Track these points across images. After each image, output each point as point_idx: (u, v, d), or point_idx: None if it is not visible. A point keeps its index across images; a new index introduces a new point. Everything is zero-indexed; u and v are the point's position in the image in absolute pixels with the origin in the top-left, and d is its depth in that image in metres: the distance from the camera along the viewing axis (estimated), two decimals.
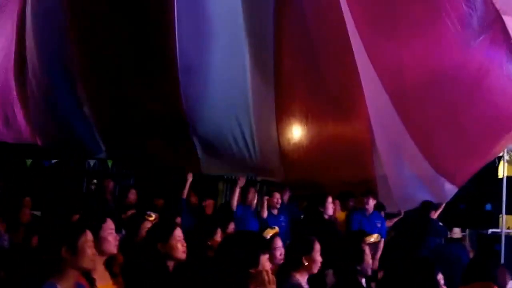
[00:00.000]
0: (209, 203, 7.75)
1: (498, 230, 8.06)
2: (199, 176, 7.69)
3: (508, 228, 8.44)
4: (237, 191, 7.00)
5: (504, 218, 7.61)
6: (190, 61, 6.75)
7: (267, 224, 6.22)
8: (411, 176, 6.90)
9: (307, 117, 7.26)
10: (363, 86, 6.40)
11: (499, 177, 7.63)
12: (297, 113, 7.29)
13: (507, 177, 7.56)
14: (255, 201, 7.19)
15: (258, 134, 7.33)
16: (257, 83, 6.99)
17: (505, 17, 5.52)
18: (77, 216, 4.69)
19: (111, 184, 7.59)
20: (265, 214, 6.81)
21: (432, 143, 6.56)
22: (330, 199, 6.53)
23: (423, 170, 6.73)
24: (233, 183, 7.66)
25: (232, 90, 7.02)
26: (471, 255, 6.29)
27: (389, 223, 7.35)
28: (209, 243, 4.38)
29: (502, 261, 6.69)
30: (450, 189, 7.06)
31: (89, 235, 3.00)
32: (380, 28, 6.01)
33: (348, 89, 6.76)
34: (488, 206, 8.90)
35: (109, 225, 3.30)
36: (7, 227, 6.10)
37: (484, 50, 5.76)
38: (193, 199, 7.82)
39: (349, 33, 6.05)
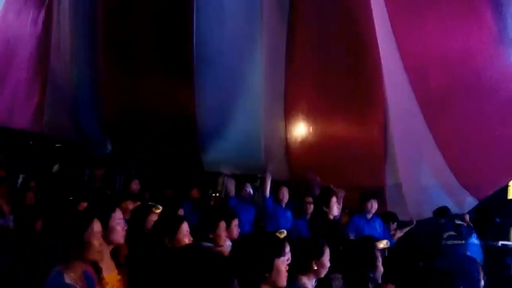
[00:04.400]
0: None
1: (509, 243, 7.96)
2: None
3: None
4: (268, 183, 6.94)
5: None
6: (206, 50, 6.70)
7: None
8: (431, 185, 6.78)
9: (317, 116, 7.16)
10: (387, 91, 6.30)
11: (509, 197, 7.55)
12: (306, 109, 7.19)
13: None
14: (286, 199, 7.12)
15: (265, 129, 7.24)
16: (269, 77, 6.90)
17: None
18: (84, 204, 4.64)
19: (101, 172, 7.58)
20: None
21: (459, 155, 6.44)
22: (334, 199, 6.42)
23: (445, 179, 6.62)
24: (235, 177, 7.56)
25: (244, 81, 6.95)
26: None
27: (399, 233, 7.19)
28: (211, 236, 4.36)
29: None
30: (471, 202, 6.95)
31: (97, 226, 2.97)
32: (411, 27, 5.92)
33: (365, 92, 6.67)
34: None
35: (118, 215, 3.26)
36: (12, 208, 6.10)
37: None
38: (196, 193, 7.79)
39: (376, 31, 5.95)
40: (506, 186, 7.54)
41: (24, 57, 7.93)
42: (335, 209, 6.27)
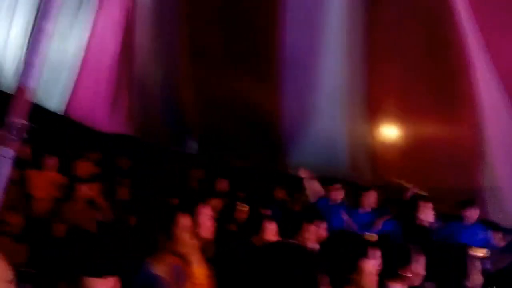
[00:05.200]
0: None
1: None
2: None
3: None
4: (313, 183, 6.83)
5: None
6: (292, 51, 6.68)
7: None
8: None
9: (403, 117, 6.92)
10: (481, 92, 6.00)
11: None
12: (391, 110, 6.97)
13: None
14: (340, 197, 7.01)
15: (348, 132, 7.09)
16: (351, 78, 6.76)
17: None
18: (175, 200, 4.78)
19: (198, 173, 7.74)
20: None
21: None
22: (425, 204, 6.15)
23: None
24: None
25: (327, 83, 6.86)
26: None
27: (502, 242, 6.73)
28: (298, 238, 4.32)
29: None
30: None
31: (187, 220, 3.04)
32: (501, 25, 5.59)
33: (458, 93, 6.36)
34: None
35: (207, 211, 3.31)
36: (108, 204, 6.42)
37: None
38: (280, 194, 7.81)
39: (461, 30, 5.69)
40: None
41: (108, 56, 8.14)
42: (428, 215, 6.02)
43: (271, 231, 3.71)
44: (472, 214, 6.38)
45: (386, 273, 3.34)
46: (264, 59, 6.97)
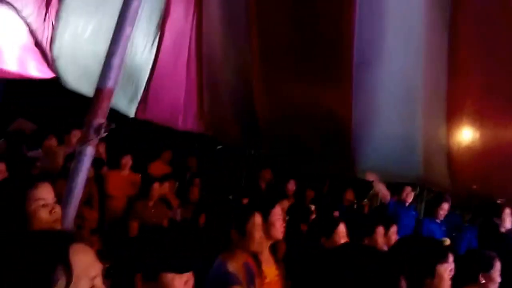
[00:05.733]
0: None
1: None
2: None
3: None
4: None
5: None
6: (366, 53, 6.55)
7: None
8: None
9: (483, 117, 6.57)
10: None
11: None
12: (471, 111, 6.63)
13: None
14: (410, 198, 6.88)
15: (424, 134, 6.84)
16: (429, 76, 6.49)
17: None
18: (246, 200, 4.85)
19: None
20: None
21: None
22: (508, 211, 5.89)
23: None
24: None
25: (403, 83, 6.64)
26: None
27: None
28: (367, 241, 4.26)
29: None
30: None
31: (258, 219, 3.08)
32: None
33: None
34: None
35: (278, 211, 3.33)
36: (180, 203, 6.60)
37: None
38: (350, 196, 7.75)
39: None
40: None
41: (179, 59, 8.26)
42: (508, 222, 5.78)
43: (341, 233, 3.67)
44: None
45: (461, 278, 3.22)
46: (336, 60, 6.86)
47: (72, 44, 7.75)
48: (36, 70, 7.60)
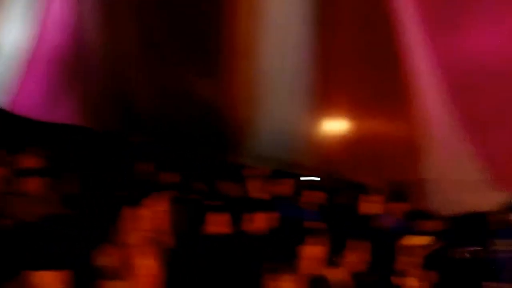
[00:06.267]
0: None
1: None
2: None
3: None
4: None
5: None
6: (247, 44, 6.75)
7: None
8: (467, 181, 6.68)
9: (352, 108, 7.12)
10: (422, 86, 6.25)
11: None
12: (341, 102, 7.15)
13: None
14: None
15: (297, 122, 7.23)
16: (307, 66, 6.87)
17: None
18: (124, 193, 4.77)
19: None
20: None
21: (491, 145, 6.32)
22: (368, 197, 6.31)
23: (475, 173, 6.51)
24: None
25: (281, 73, 6.94)
26: None
27: None
28: None
29: None
30: (501, 195, 6.80)
31: (137, 212, 3.08)
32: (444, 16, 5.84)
33: (402, 87, 6.60)
34: None
35: (157, 203, 3.35)
36: (55, 197, 6.30)
37: None
38: (226, 186, 7.77)
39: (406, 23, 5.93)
40: None
41: (55, 49, 7.91)
42: (369, 207, 6.16)
43: (216, 223, 3.78)
44: (402, 206, 6.66)
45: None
46: (213, 48, 6.98)
47: None
48: None
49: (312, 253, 2.72)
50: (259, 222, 4.52)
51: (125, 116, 8.06)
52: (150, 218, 3.24)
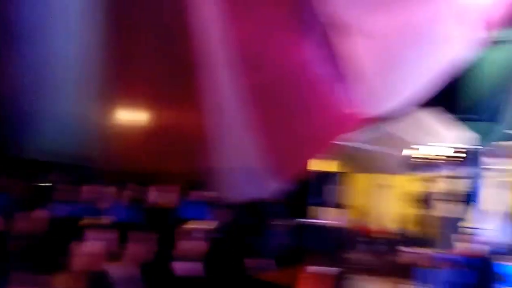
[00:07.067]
0: None
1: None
2: None
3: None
4: None
5: None
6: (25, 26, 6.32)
7: None
8: (250, 168, 7.08)
9: (139, 100, 7.13)
10: (212, 78, 6.49)
11: None
12: (132, 95, 7.11)
13: None
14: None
15: (85, 114, 6.92)
16: (88, 60, 6.70)
17: None
18: None
19: None
20: None
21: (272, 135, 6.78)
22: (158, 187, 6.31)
23: (258, 162, 6.93)
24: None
25: (61, 64, 6.66)
26: None
27: None
28: None
29: None
30: (275, 186, 7.38)
31: None
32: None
33: (189, 78, 6.76)
34: None
35: None
36: None
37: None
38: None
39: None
40: None
41: None
42: (160, 197, 6.20)
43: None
44: (196, 194, 6.94)
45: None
46: None
47: None
48: None
49: (89, 249, 2.62)
50: (30, 221, 4.27)
51: None
52: None
